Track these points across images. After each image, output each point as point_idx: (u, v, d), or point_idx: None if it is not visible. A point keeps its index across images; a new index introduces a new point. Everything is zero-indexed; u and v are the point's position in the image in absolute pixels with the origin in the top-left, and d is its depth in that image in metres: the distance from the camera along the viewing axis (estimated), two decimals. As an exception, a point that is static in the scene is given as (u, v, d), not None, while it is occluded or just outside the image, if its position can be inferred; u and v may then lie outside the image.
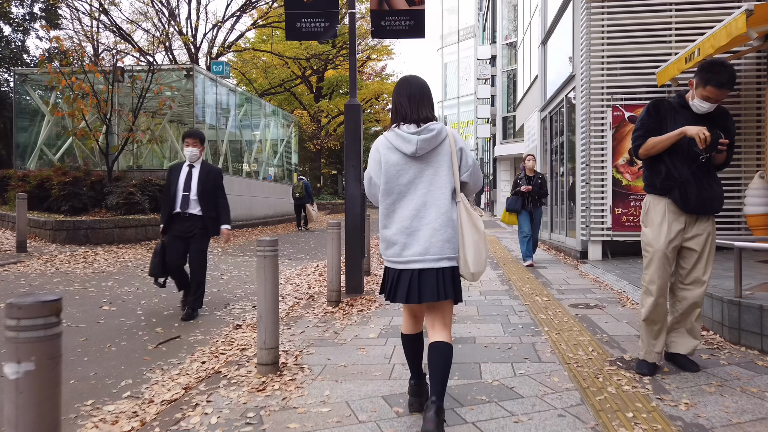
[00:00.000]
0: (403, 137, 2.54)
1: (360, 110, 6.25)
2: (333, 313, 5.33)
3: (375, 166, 2.65)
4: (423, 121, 2.57)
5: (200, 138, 5.42)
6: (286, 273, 8.27)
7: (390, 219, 2.60)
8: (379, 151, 2.62)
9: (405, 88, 2.64)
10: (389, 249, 2.59)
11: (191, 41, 22.54)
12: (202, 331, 4.93)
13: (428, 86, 2.70)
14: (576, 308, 5.19)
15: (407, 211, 2.56)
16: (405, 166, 2.56)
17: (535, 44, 13.58)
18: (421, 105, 2.61)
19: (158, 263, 5.24)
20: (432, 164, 2.57)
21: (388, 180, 2.57)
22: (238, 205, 17.01)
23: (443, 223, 2.52)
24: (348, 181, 6.24)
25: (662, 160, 3.35)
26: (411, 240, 2.53)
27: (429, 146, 2.54)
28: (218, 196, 5.42)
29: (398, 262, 2.56)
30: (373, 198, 2.74)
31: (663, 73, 7.29)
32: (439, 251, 2.51)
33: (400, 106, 2.62)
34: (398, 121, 2.61)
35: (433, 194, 2.55)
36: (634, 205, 7.81)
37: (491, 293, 6.09)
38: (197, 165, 5.36)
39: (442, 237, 2.51)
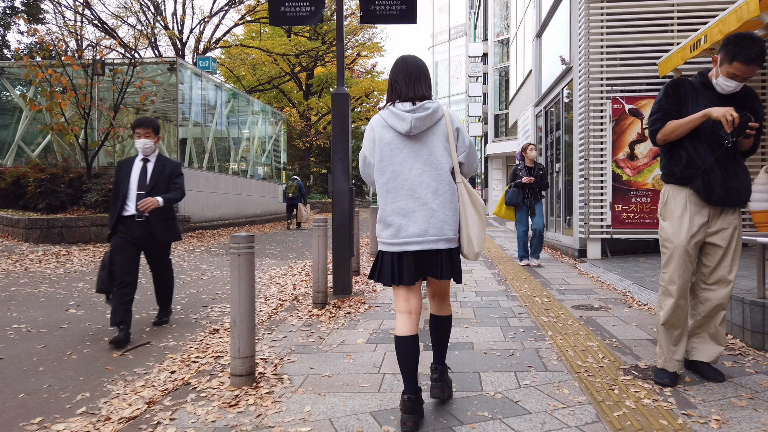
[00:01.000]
0: (397, 115, 2.49)
1: (348, 99, 5.86)
2: (318, 316, 4.94)
3: (369, 145, 2.60)
4: (419, 100, 2.52)
5: (153, 127, 4.61)
6: (271, 273, 7.87)
7: (384, 199, 2.54)
8: (373, 129, 2.58)
9: (402, 66, 2.59)
10: (385, 230, 2.53)
11: (177, 36, 22.01)
12: (175, 336, 4.53)
13: (425, 66, 2.64)
14: (579, 310, 4.84)
15: (402, 191, 2.50)
16: (399, 145, 2.51)
17: (529, 38, 13.26)
18: (417, 83, 2.56)
19: (106, 277, 4.34)
20: (427, 144, 2.52)
21: (382, 158, 2.53)
22: (225, 203, 16.56)
23: (441, 203, 2.48)
24: (335, 175, 5.85)
25: (683, 145, 3.00)
26: (407, 221, 2.47)
27: (424, 125, 2.49)
28: (175, 185, 4.61)
29: (394, 243, 2.49)
30: (367, 178, 2.70)
31: (665, 63, 6.97)
32: (437, 232, 2.47)
33: (396, 84, 2.57)
34: (394, 99, 2.56)
35: (429, 174, 2.49)
36: (635, 202, 7.49)
37: (488, 294, 5.73)
38: (152, 159, 4.58)
39: (440, 218, 2.47)
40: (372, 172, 2.62)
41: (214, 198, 15.77)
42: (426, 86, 2.59)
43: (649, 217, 7.45)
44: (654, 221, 7.44)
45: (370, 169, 2.63)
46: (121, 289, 4.30)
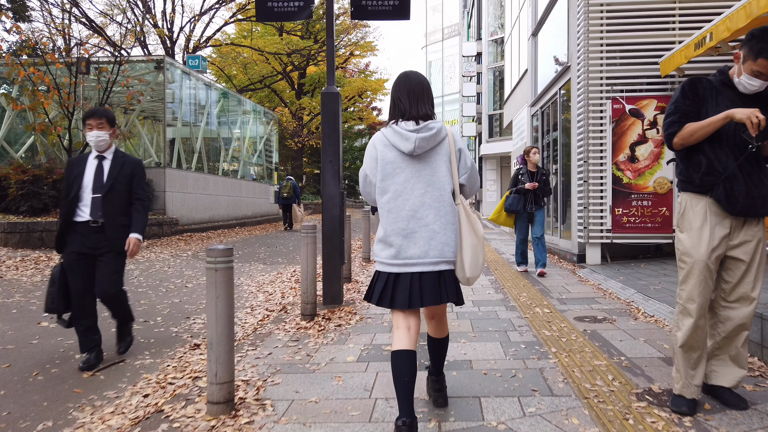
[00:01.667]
0: (401, 134, 2.45)
1: (339, 99, 5.58)
2: (307, 329, 4.66)
3: (371, 163, 2.56)
4: (422, 119, 2.49)
5: (107, 117, 3.90)
6: (260, 280, 7.57)
7: (386, 219, 2.50)
8: (375, 148, 2.54)
9: (404, 83, 2.56)
10: (384, 251, 2.49)
11: (166, 34, 21.62)
12: (153, 352, 4.23)
13: (428, 83, 2.63)
14: (583, 322, 4.59)
15: (404, 211, 2.46)
16: (402, 165, 2.48)
17: (524, 37, 13.03)
18: (421, 101, 2.53)
19: (57, 294, 3.78)
20: (430, 164, 2.49)
21: (384, 177, 2.50)
22: (215, 205, 16.23)
23: (443, 225, 2.45)
24: (325, 178, 5.57)
25: (702, 150, 2.74)
26: (408, 242, 2.44)
27: (428, 145, 2.46)
28: (136, 195, 3.97)
29: (394, 264, 2.46)
30: (367, 196, 2.67)
31: (668, 61, 6.74)
32: (438, 254, 2.43)
33: (399, 102, 2.54)
34: (397, 117, 2.53)
35: (431, 195, 2.47)
36: (636, 205, 7.25)
37: (485, 303, 5.47)
38: (108, 156, 3.90)
39: (441, 240, 2.44)
40: (372, 191, 2.59)
41: (203, 199, 15.43)
42: (429, 105, 2.57)
43: (650, 222, 7.22)
44: (655, 225, 7.21)
45: (371, 187, 2.60)
46: (81, 318, 3.80)
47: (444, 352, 2.78)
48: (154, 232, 12.26)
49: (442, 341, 2.74)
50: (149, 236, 12.02)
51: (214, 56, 29.25)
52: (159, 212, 13.15)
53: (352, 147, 42.65)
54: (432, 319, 2.69)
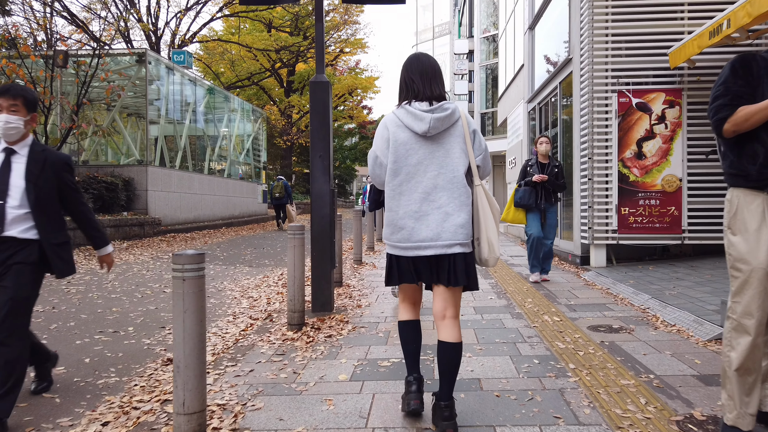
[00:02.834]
0: (415, 115, 2.40)
1: (329, 89, 5.13)
2: (294, 340, 4.21)
3: (382, 144, 2.49)
4: (436, 99, 2.45)
5: (25, 98, 2.90)
6: (244, 284, 7.09)
7: (397, 201, 2.45)
8: (387, 129, 2.48)
9: (416, 64, 2.52)
10: (396, 233, 2.45)
11: (151, 29, 21.01)
12: (120, 369, 3.75)
13: (438, 64, 2.57)
14: (598, 332, 4.18)
15: (416, 193, 2.42)
16: (415, 146, 2.43)
17: (519, 32, 12.65)
18: (434, 82, 2.49)
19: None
20: (443, 145, 2.44)
21: (396, 159, 2.44)
22: (200, 204, 15.70)
23: (456, 207, 2.40)
24: (315, 174, 5.12)
25: (758, 138, 2.33)
26: (420, 224, 2.40)
27: (442, 126, 2.42)
28: (73, 201, 3.08)
29: (406, 247, 2.42)
30: (376, 179, 2.58)
31: (678, 52, 6.36)
32: (451, 237, 2.38)
33: (411, 82, 2.49)
34: (409, 98, 2.47)
35: (444, 177, 2.42)
36: (643, 204, 6.88)
37: (488, 310, 5.05)
38: (22, 149, 2.89)
39: (455, 222, 2.39)
40: (383, 173, 2.51)
41: (187, 199, 14.89)
42: (442, 86, 2.52)
43: (658, 222, 6.85)
44: (664, 226, 6.84)
45: (381, 169, 2.51)
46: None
47: (457, 364, 2.48)
48: (135, 233, 11.71)
49: (456, 347, 2.46)
50: (129, 237, 11.48)
51: (201, 53, 28.64)
52: (141, 212, 12.60)
53: (342, 146, 42.15)
54: (443, 319, 2.49)
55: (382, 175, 2.52)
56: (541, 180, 6.16)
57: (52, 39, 20.60)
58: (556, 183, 6.25)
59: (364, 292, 6.19)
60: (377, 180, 2.59)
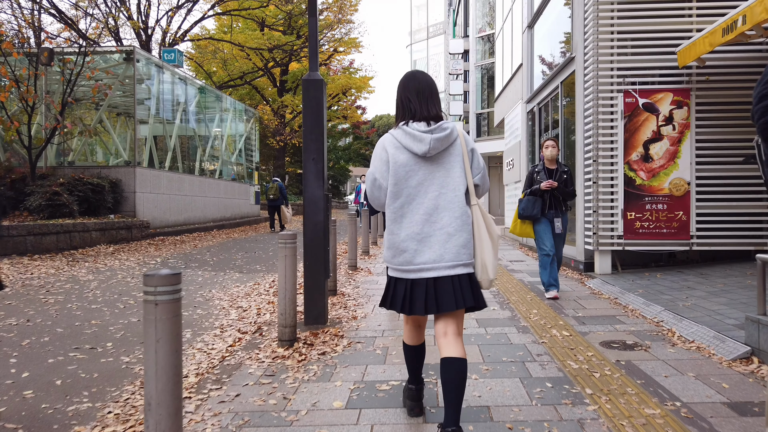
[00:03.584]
0: (414, 136, 2.39)
1: (322, 86, 4.82)
2: (284, 358, 3.90)
3: (381, 167, 2.45)
4: (433, 120, 2.45)
5: None
6: (234, 292, 6.76)
7: (398, 224, 2.43)
8: (386, 150, 2.45)
9: (413, 82, 2.51)
10: (398, 257, 2.42)
11: (141, 27, 20.59)
12: (93, 393, 3.42)
13: (435, 83, 2.55)
14: (612, 349, 3.89)
15: (418, 215, 2.40)
16: (415, 167, 2.41)
17: (517, 30, 12.38)
18: (431, 102, 2.48)
19: None
20: (443, 165, 2.43)
21: (397, 181, 2.41)
22: (190, 206, 15.33)
23: (458, 227, 2.39)
24: (308, 178, 4.81)
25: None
26: (422, 246, 2.37)
27: (441, 146, 2.41)
28: None
29: (409, 270, 2.39)
30: (375, 201, 2.54)
31: (687, 50, 6.10)
32: (454, 257, 2.36)
33: (408, 102, 2.48)
34: (406, 118, 2.47)
35: (445, 197, 2.41)
36: (650, 209, 6.61)
37: (492, 323, 4.75)
38: None
39: (457, 242, 2.38)
40: (382, 195, 2.48)
41: (177, 201, 14.52)
42: (438, 105, 2.51)
43: (665, 227, 6.58)
44: (671, 231, 6.58)
45: (381, 192, 2.47)
46: None
47: (463, 382, 2.31)
48: (122, 236, 11.34)
49: (461, 363, 2.31)
50: (116, 241, 11.11)
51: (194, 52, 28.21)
52: (128, 215, 12.23)
53: (336, 146, 41.79)
54: (446, 336, 2.40)
55: (382, 198, 2.49)
56: (551, 187, 5.59)
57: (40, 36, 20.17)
58: (566, 190, 5.70)
59: (359, 301, 5.88)
60: (376, 203, 2.54)
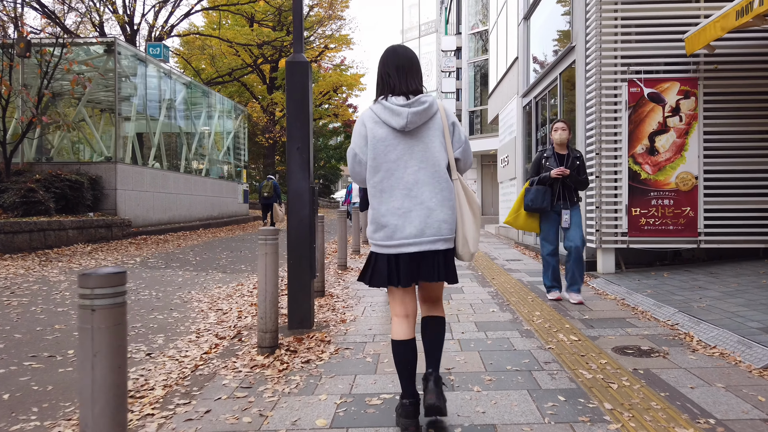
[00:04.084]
0: (391, 110, 2.37)
1: (308, 70, 4.43)
2: (264, 367, 3.50)
3: (360, 141, 2.45)
4: (412, 93, 2.42)
5: None
6: (215, 293, 6.34)
7: (378, 199, 2.41)
8: (365, 125, 2.44)
9: (392, 57, 2.47)
10: (378, 232, 2.40)
11: (125, 21, 20.06)
12: (44, 409, 3.00)
13: (416, 57, 2.51)
14: (626, 356, 3.53)
15: (398, 190, 2.38)
16: (393, 141, 2.39)
17: (512, 23, 12.04)
18: (410, 76, 2.45)
19: None
20: (423, 139, 2.41)
21: (375, 156, 2.40)
22: (175, 205, 14.86)
23: (439, 202, 2.38)
24: (292, 169, 4.41)
25: None
26: (404, 221, 2.36)
27: (420, 120, 2.38)
28: None
29: (390, 246, 2.37)
30: (356, 177, 2.54)
31: (696, 37, 5.77)
32: (435, 232, 2.36)
33: (387, 77, 2.46)
34: (385, 93, 2.45)
35: (425, 171, 2.38)
36: (655, 205, 6.27)
37: (492, 326, 4.38)
38: None
39: (438, 217, 2.37)
40: (362, 170, 2.48)
41: (161, 199, 14.04)
42: (418, 79, 2.48)
43: (672, 223, 6.25)
44: (678, 228, 6.24)
45: (361, 167, 2.48)
46: None
47: (441, 336, 2.57)
48: (101, 235, 10.87)
49: (439, 321, 2.57)
50: (95, 240, 10.63)
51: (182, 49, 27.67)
52: (109, 212, 11.75)
53: (327, 145, 41.33)
54: (426, 302, 2.58)
55: (362, 173, 2.48)
56: (562, 174, 4.90)
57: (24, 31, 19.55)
58: (579, 179, 5.00)
59: (349, 303, 5.49)
60: (357, 178, 2.53)
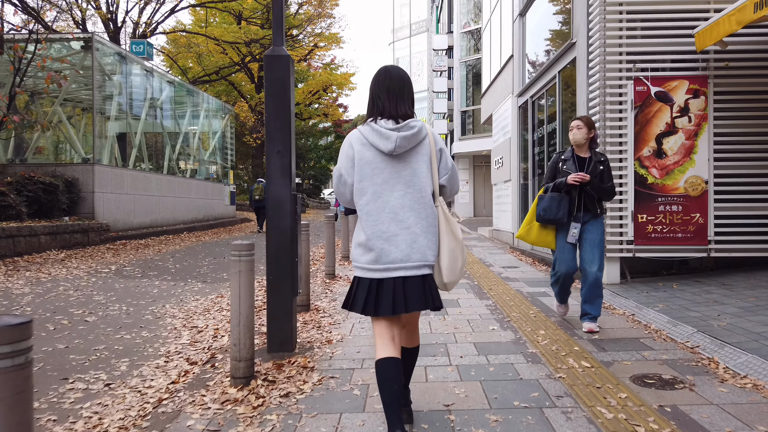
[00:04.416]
0: (380, 133, 2.37)
1: (289, 63, 3.99)
2: (237, 402, 3.06)
3: (347, 163, 2.45)
4: (402, 118, 2.42)
5: None
6: (191, 307, 5.87)
7: (365, 222, 2.40)
8: (352, 147, 2.44)
9: (384, 79, 2.47)
10: (365, 255, 2.39)
11: (108, 17, 19.46)
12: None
13: (409, 79, 2.53)
14: (647, 387, 3.12)
15: (384, 214, 2.37)
16: (381, 165, 2.39)
17: (507, 20, 11.66)
18: (401, 99, 2.44)
19: None
20: (410, 164, 2.41)
21: (362, 178, 2.40)
22: (157, 207, 14.33)
23: (424, 228, 2.38)
24: (271, 175, 3.97)
25: None
26: (389, 245, 2.34)
27: (408, 144, 2.38)
28: None
29: (375, 270, 2.36)
30: (341, 197, 2.54)
31: (707, 32, 5.40)
32: (421, 258, 2.36)
33: (377, 99, 2.46)
34: (375, 115, 2.45)
35: (412, 197, 2.39)
36: (663, 211, 5.90)
37: (493, 348, 3.96)
38: None
39: (423, 243, 2.37)
40: (347, 192, 2.48)
41: (143, 201, 13.51)
42: (409, 103, 2.48)
43: (680, 231, 5.87)
44: (687, 236, 5.87)
45: (346, 188, 2.47)
46: None
47: (413, 364, 2.69)
48: (77, 241, 10.33)
49: (413, 351, 2.64)
50: (70, 245, 10.10)
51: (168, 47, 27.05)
52: (86, 217, 11.21)
53: (317, 145, 40.82)
54: (404, 328, 2.56)
55: (347, 194, 2.48)
56: (582, 181, 4.15)
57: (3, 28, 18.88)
58: (602, 187, 4.22)
59: (336, 318, 5.06)
60: (342, 198, 2.52)
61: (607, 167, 4.31)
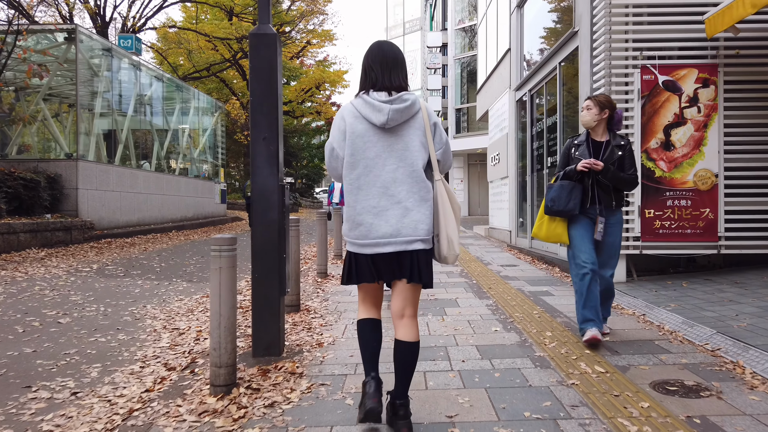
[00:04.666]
0: (372, 105, 2.31)
1: (276, 42, 3.67)
2: (216, 413, 2.74)
3: (339, 136, 2.40)
4: (395, 90, 2.35)
5: None
6: (174, 308, 5.53)
7: (354, 196, 2.36)
8: (344, 120, 2.39)
9: (377, 52, 2.41)
10: (354, 230, 2.37)
11: (96, 11, 19.02)
12: None
13: (402, 54, 2.45)
14: (670, 395, 2.83)
15: (375, 188, 2.33)
16: (373, 138, 2.34)
17: (504, 12, 11.38)
18: (394, 72, 2.38)
19: None
20: (403, 138, 2.35)
21: (353, 152, 2.35)
22: (145, 205, 13.95)
23: (416, 202, 2.33)
24: (257, 163, 3.65)
25: None
26: (379, 220, 2.32)
27: (401, 117, 2.33)
28: None
29: (364, 244, 2.34)
30: (333, 172, 2.50)
31: (719, 17, 5.13)
32: (411, 232, 2.32)
33: (370, 71, 2.39)
34: (367, 87, 2.38)
35: (403, 170, 2.34)
36: (671, 206, 5.62)
37: (498, 352, 3.66)
38: None
39: (415, 217, 2.32)
40: (339, 166, 2.43)
41: (129, 199, 13.12)
42: (403, 76, 2.41)
43: (689, 227, 5.60)
44: (696, 232, 5.60)
45: (338, 162, 2.42)
46: None
47: (414, 363, 2.39)
48: (59, 239, 9.94)
49: (413, 346, 2.37)
50: (52, 244, 9.71)
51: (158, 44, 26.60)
52: (69, 214, 10.82)
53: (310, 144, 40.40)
54: (402, 318, 2.40)
55: (339, 168, 2.43)
56: (590, 167, 3.63)
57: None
58: (619, 176, 3.68)
59: (327, 319, 4.74)
60: (334, 173, 2.49)
61: (628, 152, 3.76)
